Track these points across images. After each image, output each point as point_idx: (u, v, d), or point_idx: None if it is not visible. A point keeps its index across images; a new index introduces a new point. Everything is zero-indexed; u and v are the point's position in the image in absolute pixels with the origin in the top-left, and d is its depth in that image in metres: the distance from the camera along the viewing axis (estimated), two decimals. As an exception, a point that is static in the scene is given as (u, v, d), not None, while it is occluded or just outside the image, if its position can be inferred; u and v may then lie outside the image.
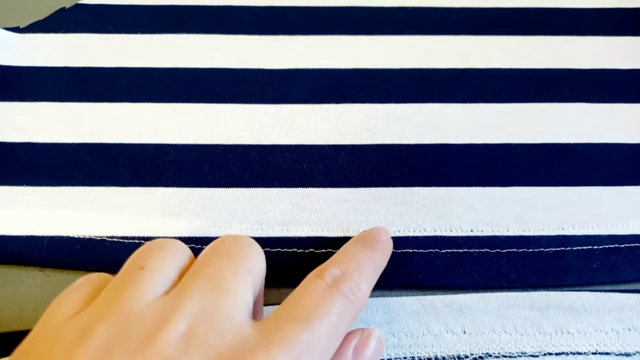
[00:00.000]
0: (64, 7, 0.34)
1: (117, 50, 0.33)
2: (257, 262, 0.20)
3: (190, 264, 0.20)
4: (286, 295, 0.25)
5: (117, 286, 0.18)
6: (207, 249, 0.20)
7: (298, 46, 0.33)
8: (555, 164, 0.29)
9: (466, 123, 0.30)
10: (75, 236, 0.26)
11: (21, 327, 0.24)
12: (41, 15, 0.34)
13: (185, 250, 0.20)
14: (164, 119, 0.30)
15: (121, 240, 0.26)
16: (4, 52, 0.32)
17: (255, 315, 0.20)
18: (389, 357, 0.23)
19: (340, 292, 0.19)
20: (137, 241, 0.26)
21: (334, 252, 0.26)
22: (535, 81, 0.32)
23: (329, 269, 0.20)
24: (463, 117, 0.30)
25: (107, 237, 0.26)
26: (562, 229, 0.27)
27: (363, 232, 0.25)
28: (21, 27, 0.34)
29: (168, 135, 0.29)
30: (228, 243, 0.20)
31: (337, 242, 0.26)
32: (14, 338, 0.23)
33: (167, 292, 0.18)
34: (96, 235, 0.26)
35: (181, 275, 0.19)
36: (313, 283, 0.20)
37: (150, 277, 0.18)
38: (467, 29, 0.34)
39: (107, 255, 0.26)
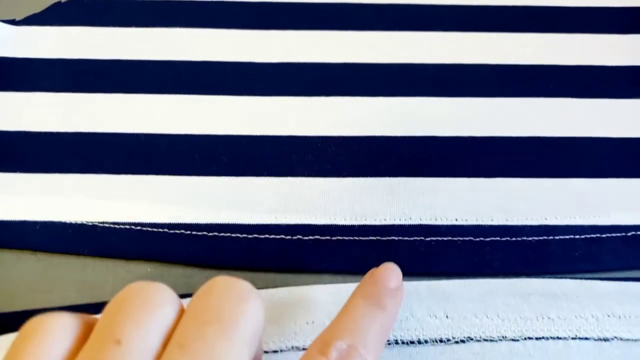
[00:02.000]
0: (60, 1, 0.35)
1: (111, 43, 0.33)
2: (254, 323, 0.16)
3: (178, 319, 0.16)
4: (273, 281, 0.26)
5: None
6: (195, 305, 0.16)
7: (289, 41, 0.34)
8: (539, 157, 0.29)
9: (453, 116, 0.30)
10: (67, 221, 0.26)
11: (12, 309, 0.24)
12: (37, 9, 0.35)
13: (171, 303, 0.16)
14: (156, 110, 0.30)
15: (112, 226, 0.26)
16: (0, 44, 0.33)
17: None
18: (373, 341, 0.24)
19: None
20: (127, 226, 0.26)
21: (322, 240, 0.26)
22: (521, 76, 0.32)
23: (334, 343, 0.18)
24: (450, 111, 0.31)
25: (99, 222, 0.27)
26: (545, 219, 0.27)
27: (370, 274, 0.22)
28: (17, 20, 0.34)
29: (160, 126, 0.30)
30: (219, 300, 0.16)
31: (325, 230, 0.27)
32: (5, 319, 0.24)
33: None
34: (88, 220, 0.27)
35: (167, 340, 0.15)
36: None
37: (128, 355, 0.14)
38: (455, 25, 0.34)
39: (98, 239, 0.26)
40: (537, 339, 0.24)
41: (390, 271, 0.22)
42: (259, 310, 0.17)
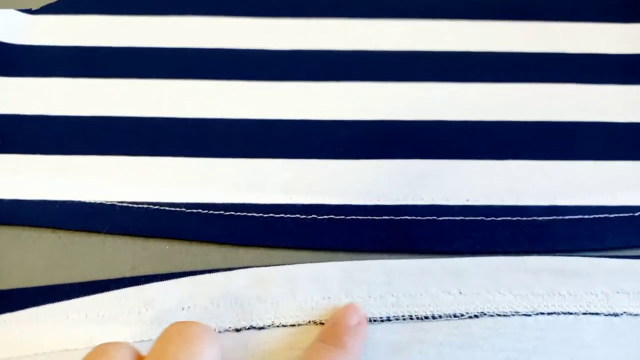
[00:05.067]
0: (75, -9, 0.36)
1: (124, 31, 0.34)
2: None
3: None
4: (289, 258, 0.26)
5: None
6: (152, 354, 0.18)
7: (298, 28, 0.34)
8: (546, 140, 0.30)
9: (460, 101, 0.31)
10: (86, 201, 0.27)
11: (33, 284, 0.25)
12: (53, -1, 0.35)
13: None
14: (170, 95, 0.31)
15: (131, 205, 0.27)
16: (17, 32, 0.34)
17: None
18: (388, 316, 0.24)
19: None
20: (145, 206, 0.27)
21: (336, 219, 0.27)
22: (526, 63, 0.33)
23: None
24: (457, 96, 0.31)
25: (117, 202, 0.27)
26: (554, 199, 0.28)
27: (332, 315, 0.24)
28: (33, 9, 0.35)
29: (174, 110, 0.30)
30: (174, 347, 0.18)
31: (338, 209, 0.27)
32: (24, 294, 0.25)
33: None
34: (107, 200, 0.27)
35: None
36: None
37: None
38: (461, 13, 0.35)
39: (117, 218, 0.27)
40: (548, 314, 0.25)
41: (350, 310, 0.23)
42: (214, 347, 0.19)
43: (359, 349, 0.22)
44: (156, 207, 0.27)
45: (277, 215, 0.27)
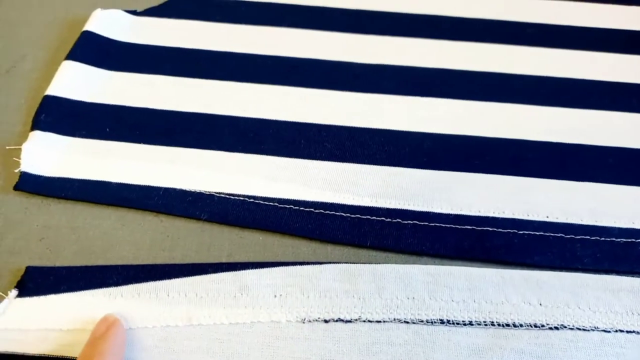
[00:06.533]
0: (177, -4, 0.38)
1: (224, 37, 0.36)
2: None
3: None
4: (375, 258, 0.27)
5: None
6: None
7: (386, 45, 0.36)
8: (627, 166, 0.31)
9: (543, 123, 0.32)
10: (187, 189, 0.29)
11: (136, 262, 0.27)
12: (155, 3, 0.38)
13: None
14: (266, 98, 0.33)
15: (228, 197, 0.29)
16: (123, 30, 0.36)
17: None
18: (470, 320, 0.25)
19: None
20: (242, 198, 0.29)
21: (420, 225, 0.28)
22: (606, 91, 0.34)
23: None
24: (540, 118, 0.33)
25: (216, 192, 0.29)
26: (633, 222, 0.29)
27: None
28: (138, 10, 0.37)
29: (269, 112, 0.32)
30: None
31: (422, 216, 0.28)
32: (130, 270, 0.26)
33: None
34: (206, 190, 0.29)
35: None
36: None
37: None
38: (544, 41, 0.36)
39: (215, 207, 0.28)
40: (627, 332, 0.25)
41: (98, 323, 0.24)
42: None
43: (111, 350, 0.23)
44: (251, 200, 0.29)
45: (364, 217, 0.28)
